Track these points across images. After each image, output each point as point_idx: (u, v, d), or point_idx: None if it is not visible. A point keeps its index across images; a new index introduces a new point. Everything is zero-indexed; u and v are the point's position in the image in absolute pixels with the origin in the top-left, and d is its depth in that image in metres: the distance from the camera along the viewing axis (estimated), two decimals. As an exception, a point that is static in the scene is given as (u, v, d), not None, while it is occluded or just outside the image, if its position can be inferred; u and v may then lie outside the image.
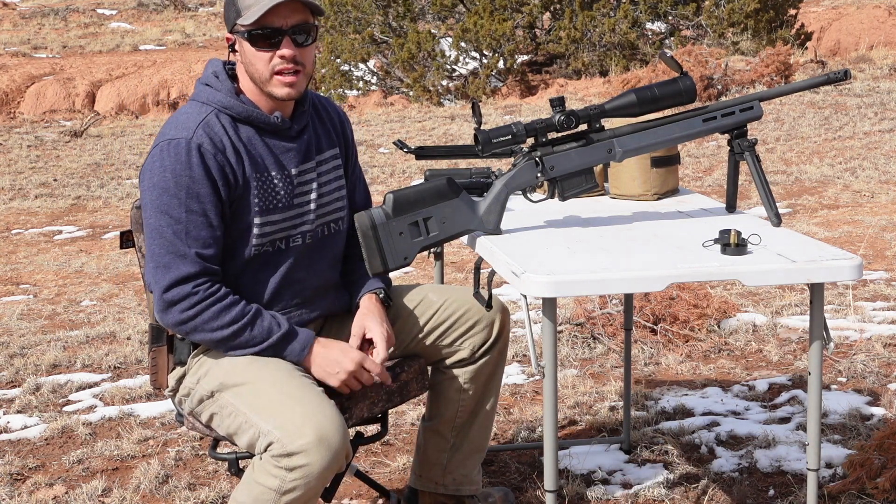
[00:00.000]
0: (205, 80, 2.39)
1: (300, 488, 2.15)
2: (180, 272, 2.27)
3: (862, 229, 6.37)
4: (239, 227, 2.35)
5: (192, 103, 2.37)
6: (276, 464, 2.15)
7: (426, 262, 6.00)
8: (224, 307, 2.28)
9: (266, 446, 2.18)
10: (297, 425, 2.15)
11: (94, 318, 5.36)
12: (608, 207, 2.73)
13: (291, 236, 2.41)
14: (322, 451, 2.13)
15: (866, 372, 3.97)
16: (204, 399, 2.37)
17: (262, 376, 2.28)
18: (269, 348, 2.32)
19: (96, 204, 9.35)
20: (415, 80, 15.68)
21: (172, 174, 2.27)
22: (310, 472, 2.13)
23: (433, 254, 3.06)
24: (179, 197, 2.27)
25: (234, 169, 2.32)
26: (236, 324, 2.29)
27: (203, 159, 2.27)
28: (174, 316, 2.28)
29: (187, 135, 2.28)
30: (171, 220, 2.27)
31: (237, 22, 2.32)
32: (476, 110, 2.38)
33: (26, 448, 3.60)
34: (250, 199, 2.34)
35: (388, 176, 9.68)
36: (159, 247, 2.28)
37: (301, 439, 2.13)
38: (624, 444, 3.36)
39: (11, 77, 18.23)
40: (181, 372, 2.43)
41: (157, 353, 2.44)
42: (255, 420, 2.22)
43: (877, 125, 10.32)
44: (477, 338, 2.59)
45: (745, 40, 15.41)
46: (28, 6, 26.91)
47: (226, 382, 2.32)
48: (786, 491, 3.03)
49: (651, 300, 4.49)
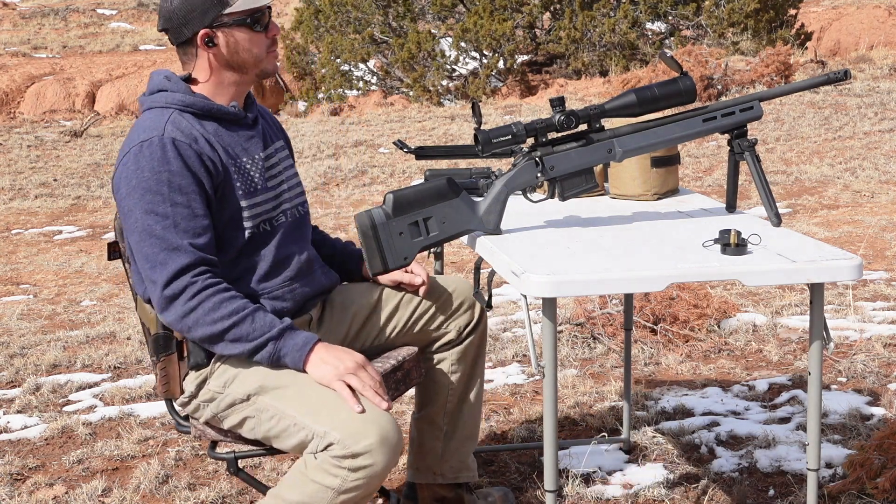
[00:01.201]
0: (157, 87, 2.38)
1: (361, 488, 2.17)
2: (177, 265, 2.24)
3: (862, 229, 6.37)
4: (228, 212, 2.35)
5: (151, 111, 2.35)
6: (337, 464, 2.16)
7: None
8: (226, 298, 2.26)
9: (325, 447, 2.17)
10: (359, 426, 2.16)
11: (94, 318, 5.36)
12: (608, 207, 2.73)
13: (275, 216, 2.43)
14: (385, 452, 2.15)
15: (866, 372, 3.97)
16: (236, 403, 2.33)
17: (304, 380, 2.27)
18: (269, 341, 2.27)
19: (96, 204, 9.36)
20: (415, 80, 15.68)
21: (151, 172, 2.25)
22: (373, 473, 2.15)
23: (433, 254, 3.06)
24: (162, 193, 2.25)
25: (211, 157, 2.31)
26: (237, 314, 2.25)
27: (179, 151, 2.27)
28: (177, 310, 2.24)
29: (158, 133, 2.27)
30: (157, 217, 2.25)
31: (223, 12, 2.32)
32: (476, 110, 2.38)
33: (26, 448, 3.60)
34: (233, 184, 2.34)
35: (388, 176, 9.68)
36: (151, 246, 2.25)
37: (365, 440, 2.14)
38: (624, 444, 3.36)
39: (11, 77, 18.23)
40: (200, 376, 2.37)
41: (167, 361, 2.38)
42: (305, 422, 2.22)
43: (877, 125, 10.32)
44: (461, 318, 2.67)
45: (745, 40, 15.40)
46: (28, 6, 26.91)
47: (266, 385, 2.29)
48: (786, 491, 3.03)
49: (651, 300, 4.49)
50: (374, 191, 9.24)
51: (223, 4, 2.32)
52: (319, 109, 15.87)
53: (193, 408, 2.41)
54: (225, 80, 2.39)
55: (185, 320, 2.25)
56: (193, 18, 2.33)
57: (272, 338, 2.27)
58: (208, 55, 2.36)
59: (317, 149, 11.23)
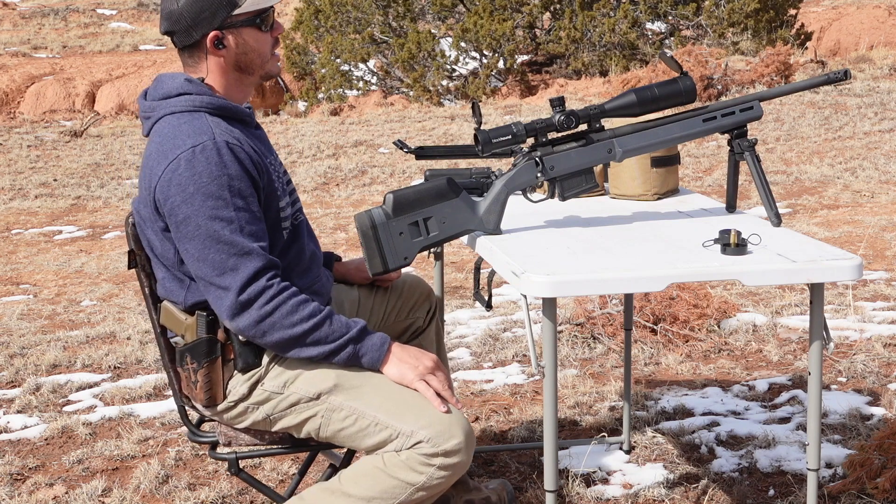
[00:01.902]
0: (179, 90, 2.30)
1: (443, 485, 2.22)
2: (250, 269, 2.19)
3: (862, 229, 6.37)
4: (272, 214, 2.33)
5: (181, 115, 2.27)
6: (426, 462, 2.19)
7: (426, 262, 6.00)
8: (301, 301, 2.22)
9: (413, 445, 2.20)
10: (447, 426, 2.20)
11: (94, 318, 5.36)
12: (608, 207, 2.73)
13: (296, 215, 2.45)
14: (470, 450, 2.23)
15: (866, 372, 3.97)
16: (301, 402, 2.29)
17: (378, 380, 2.27)
18: (350, 342, 2.24)
19: (96, 204, 9.35)
20: (415, 80, 15.68)
21: (210, 177, 2.19)
22: (459, 470, 2.22)
23: (433, 254, 3.06)
24: (224, 198, 2.19)
25: (255, 160, 2.28)
26: (315, 317, 2.22)
27: (234, 154, 2.22)
28: (252, 315, 2.19)
29: (209, 136, 2.22)
30: (223, 222, 2.19)
31: (232, 13, 2.29)
32: (476, 110, 2.38)
33: (26, 448, 3.60)
34: (274, 184, 2.33)
35: (388, 176, 9.68)
36: (218, 252, 2.19)
37: (455, 439, 2.19)
38: (624, 444, 3.36)
39: (11, 77, 18.24)
40: (253, 377, 2.32)
41: (211, 367, 2.31)
42: (388, 421, 2.22)
43: (877, 125, 10.32)
44: (424, 306, 2.83)
45: (745, 40, 15.41)
46: (28, 6, 26.91)
47: (340, 384, 2.27)
48: (786, 491, 3.03)
49: (651, 300, 4.49)
50: (374, 191, 9.24)
51: (232, 5, 2.29)
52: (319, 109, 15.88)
53: (239, 411, 2.34)
54: (233, 82, 2.37)
55: (260, 325, 2.20)
56: (203, 20, 2.28)
57: (352, 339, 2.26)
58: (217, 57, 2.33)
59: (317, 149, 11.23)
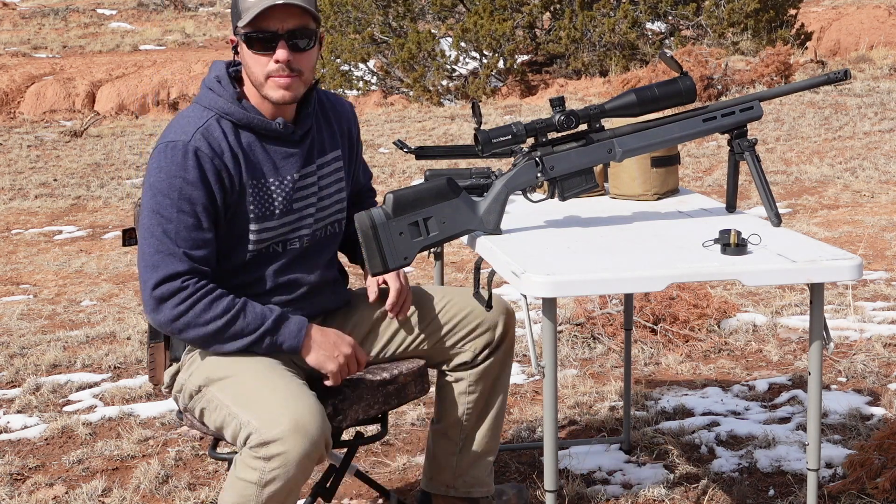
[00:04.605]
0: (208, 84, 2.39)
1: (280, 479, 2.14)
2: (169, 270, 2.26)
3: (862, 229, 6.37)
4: (235, 232, 2.37)
5: (195, 106, 2.38)
6: (254, 455, 2.16)
7: (426, 262, 6.00)
8: (214, 298, 2.28)
9: (246, 438, 2.18)
10: (274, 414, 2.16)
11: (94, 318, 5.36)
12: (608, 207, 2.72)
13: (289, 240, 2.42)
14: (298, 439, 2.13)
15: (866, 372, 3.97)
16: (193, 394, 2.38)
17: (245, 369, 2.30)
18: (266, 334, 2.30)
19: (96, 204, 9.35)
20: (415, 80, 15.68)
21: (167, 175, 2.28)
22: (287, 461, 2.13)
23: (433, 254, 3.06)
24: (171, 197, 2.28)
25: (231, 174, 2.32)
26: (228, 312, 2.28)
27: (199, 162, 2.28)
28: (166, 313, 2.27)
29: (185, 138, 2.29)
30: (162, 219, 2.28)
31: (237, 24, 2.33)
32: (476, 110, 2.38)
33: (26, 448, 3.60)
34: (246, 206, 2.35)
35: (388, 176, 9.68)
36: (149, 246, 2.29)
37: (277, 427, 2.13)
38: (624, 444, 3.36)
39: (11, 77, 18.24)
40: (176, 368, 2.45)
41: (155, 349, 2.47)
42: (236, 412, 2.23)
43: (877, 125, 10.32)
44: (479, 341, 2.59)
45: (745, 40, 15.41)
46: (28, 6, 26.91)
47: (211, 377, 2.33)
48: (786, 491, 3.03)
49: (651, 300, 4.49)
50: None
51: (237, 17, 2.34)
52: (319, 109, 15.85)
53: (174, 398, 2.49)
54: (252, 88, 2.38)
55: (175, 324, 2.28)
56: (232, 21, 2.39)
57: (268, 330, 2.31)
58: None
59: (317, 149, 11.21)
